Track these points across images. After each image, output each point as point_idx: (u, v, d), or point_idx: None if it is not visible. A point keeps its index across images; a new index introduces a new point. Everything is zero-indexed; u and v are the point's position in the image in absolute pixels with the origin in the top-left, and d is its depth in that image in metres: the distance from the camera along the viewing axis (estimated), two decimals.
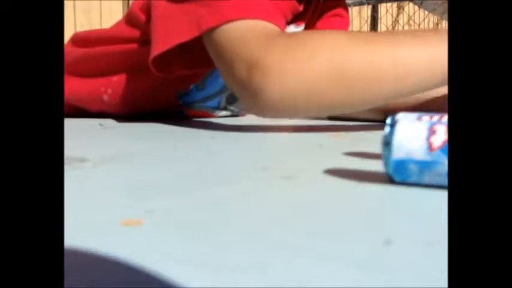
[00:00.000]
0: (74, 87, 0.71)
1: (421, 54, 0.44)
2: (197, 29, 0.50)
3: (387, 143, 0.24)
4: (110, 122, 0.65)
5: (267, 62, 0.45)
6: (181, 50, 0.56)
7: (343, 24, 0.76)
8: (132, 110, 0.71)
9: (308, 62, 0.44)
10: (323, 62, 0.44)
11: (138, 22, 0.67)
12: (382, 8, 3.02)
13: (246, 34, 0.48)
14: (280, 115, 0.50)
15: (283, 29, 0.53)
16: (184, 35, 0.52)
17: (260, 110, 0.49)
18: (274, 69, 0.44)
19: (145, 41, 0.66)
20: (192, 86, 0.70)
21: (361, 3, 2.83)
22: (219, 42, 0.50)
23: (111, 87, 0.70)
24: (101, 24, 1.81)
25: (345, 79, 0.44)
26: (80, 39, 0.76)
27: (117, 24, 0.74)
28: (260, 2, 0.51)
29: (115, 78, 0.70)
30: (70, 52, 0.73)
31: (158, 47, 0.54)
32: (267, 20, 0.49)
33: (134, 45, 0.68)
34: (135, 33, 0.68)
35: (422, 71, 0.44)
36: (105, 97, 0.70)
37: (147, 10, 0.64)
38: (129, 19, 0.70)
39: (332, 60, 0.44)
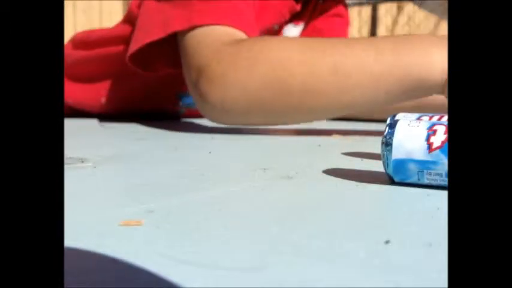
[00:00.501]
0: (72, 91, 0.71)
1: (369, 64, 0.42)
2: (163, 31, 0.52)
3: (387, 143, 0.24)
4: (109, 122, 0.65)
5: (212, 70, 0.46)
6: (166, 47, 0.57)
7: (343, 24, 0.76)
8: (131, 111, 0.71)
9: (249, 72, 0.45)
10: (262, 74, 0.44)
11: (135, 20, 0.67)
12: (382, 8, 3.02)
13: (202, 40, 0.49)
14: (224, 122, 0.51)
15: (252, 32, 0.53)
16: (153, 35, 0.53)
17: (206, 114, 0.50)
18: (217, 78, 0.46)
19: None
20: None
21: (361, 4, 2.83)
22: (182, 45, 0.51)
23: (110, 89, 0.70)
24: (101, 24, 1.81)
25: (283, 93, 0.44)
26: (80, 41, 0.76)
27: (117, 25, 0.74)
28: (231, 4, 0.51)
29: (114, 79, 0.70)
30: (70, 55, 0.73)
31: (133, 45, 0.56)
32: (231, 26, 0.50)
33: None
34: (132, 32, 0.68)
35: (369, 84, 0.43)
36: (104, 99, 0.70)
37: None
38: (128, 18, 0.70)
39: (272, 72, 0.44)
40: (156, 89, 0.69)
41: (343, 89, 0.43)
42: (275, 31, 0.66)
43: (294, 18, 0.68)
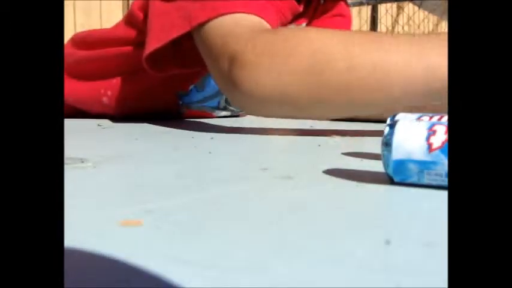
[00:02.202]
0: (73, 89, 0.71)
1: (409, 66, 0.41)
2: (188, 24, 0.51)
3: (387, 143, 0.24)
4: (109, 123, 0.65)
5: (247, 57, 0.45)
6: (174, 48, 0.56)
7: (345, 24, 0.76)
8: (131, 111, 0.71)
9: (283, 64, 0.44)
10: (298, 65, 0.43)
11: (137, 22, 0.67)
12: (382, 8, 3.02)
13: (232, 28, 0.48)
14: (256, 111, 0.50)
15: (274, 25, 0.52)
16: (176, 31, 0.52)
17: (238, 103, 0.49)
18: (252, 65, 0.44)
19: (144, 42, 0.66)
20: (191, 87, 0.70)
21: (361, 4, 2.83)
22: (207, 38, 0.50)
23: (110, 89, 0.70)
24: (100, 25, 1.81)
25: (317, 85, 0.43)
26: (80, 40, 0.76)
27: (117, 25, 0.74)
28: None
29: (115, 80, 0.70)
30: (70, 54, 0.73)
31: (152, 44, 0.55)
32: (257, 15, 0.50)
33: (134, 47, 0.68)
34: (135, 34, 0.68)
35: (406, 86, 0.41)
36: (105, 99, 0.70)
37: (146, 9, 0.64)
38: (129, 19, 0.70)
39: (307, 63, 0.43)
40: (156, 88, 0.69)
41: (381, 87, 0.42)
42: None
43: (295, 18, 0.68)
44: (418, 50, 0.41)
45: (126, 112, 0.71)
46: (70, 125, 0.61)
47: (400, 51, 0.41)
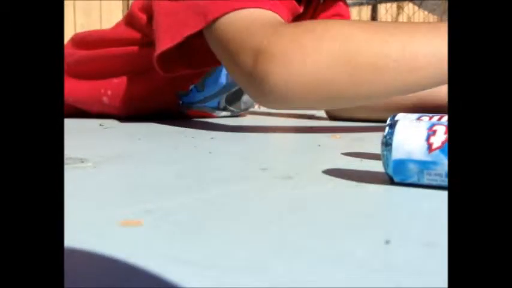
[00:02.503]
0: (74, 89, 0.71)
1: (435, 46, 0.42)
2: (204, 20, 0.50)
3: (387, 143, 0.24)
4: (110, 122, 0.65)
5: (274, 49, 0.44)
6: (181, 49, 0.56)
7: None
8: (132, 111, 0.71)
9: (315, 51, 0.43)
10: (330, 51, 0.43)
11: (139, 23, 0.67)
12: (382, 8, 3.02)
13: (251, 23, 0.47)
14: (286, 104, 0.48)
15: (287, 21, 0.52)
16: (191, 27, 0.51)
17: (265, 98, 0.47)
18: (281, 56, 0.44)
19: (145, 43, 0.66)
20: (191, 87, 0.71)
21: (360, 4, 2.83)
22: (224, 33, 0.49)
23: (111, 89, 0.70)
24: (100, 25, 1.81)
25: (351, 69, 0.43)
26: (80, 40, 0.76)
27: (117, 25, 0.74)
28: None
29: (115, 80, 0.70)
30: (70, 54, 0.73)
31: (164, 43, 0.54)
32: (272, 10, 0.49)
33: (134, 48, 0.68)
34: (135, 35, 0.68)
35: (435, 65, 0.42)
36: (105, 99, 0.70)
37: (148, 10, 0.64)
38: (129, 20, 0.70)
39: (339, 49, 0.43)
40: (157, 88, 0.69)
41: (411, 69, 0.42)
42: None
43: (295, 19, 0.67)
44: (439, 33, 0.42)
45: (126, 112, 0.71)
46: (70, 125, 0.61)
47: (422, 35, 0.43)
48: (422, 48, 0.42)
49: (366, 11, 3.00)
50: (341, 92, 0.45)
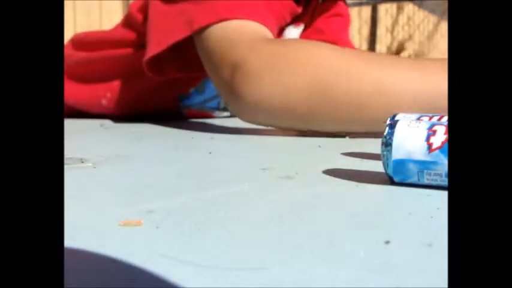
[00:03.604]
0: (73, 91, 0.71)
1: (413, 84, 0.41)
2: (189, 28, 0.51)
3: (387, 143, 0.24)
4: (110, 123, 0.65)
5: (250, 67, 0.45)
6: (175, 52, 0.56)
7: (344, 23, 0.76)
8: (131, 113, 0.71)
9: (288, 75, 0.44)
10: (303, 78, 0.43)
11: (137, 24, 0.67)
12: (382, 8, 3.02)
13: (235, 35, 0.48)
14: (256, 122, 0.49)
15: (274, 32, 0.52)
16: (177, 35, 0.52)
17: (238, 112, 0.49)
18: (255, 75, 0.44)
19: (143, 44, 0.66)
20: (192, 89, 0.70)
21: (360, 4, 2.83)
22: (208, 42, 0.50)
23: (110, 91, 0.70)
24: (100, 25, 1.81)
25: (324, 96, 0.43)
26: (80, 42, 0.76)
27: (116, 27, 0.74)
28: (253, 3, 0.50)
29: (114, 82, 0.70)
30: (70, 55, 0.73)
31: (153, 48, 0.54)
32: (259, 22, 0.49)
33: (133, 49, 0.68)
34: (134, 36, 0.68)
35: (411, 103, 0.41)
36: (104, 101, 0.70)
37: (145, 10, 0.64)
38: (128, 21, 0.70)
39: (313, 78, 0.43)
40: (157, 90, 0.69)
41: (384, 107, 0.41)
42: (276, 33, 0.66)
43: (294, 20, 0.67)
44: (421, 71, 0.42)
45: (125, 113, 0.71)
46: (70, 125, 0.61)
47: (402, 71, 0.42)
48: (398, 86, 0.41)
49: (366, 11, 3.00)
50: (310, 120, 0.45)
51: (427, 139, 0.23)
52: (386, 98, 0.42)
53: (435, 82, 0.41)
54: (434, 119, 0.29)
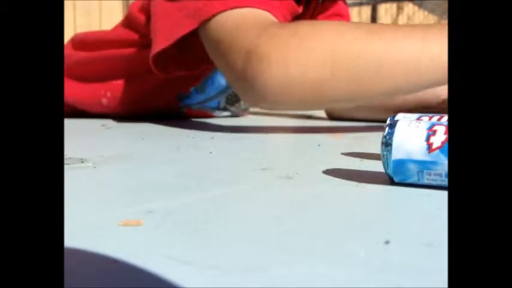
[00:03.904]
0: (73, 91, 0.71)
1: (425, 48, 0.43)
2: (196, 20, 0.50)
3: (387, 143, 0.24)
4: (110, 123, 0.65)
5: (266, 48, 0.44)
6: (178, 50, 0.56)
7: None
8: (131, 112, 0.71)
9: (307, 51, 0.44)
10: (323, 52, 0.43)
11: (138, 24, 0.67)
12: (382, 8, 3.02)
13: (243, 22, 0.48)
14: (274, 105, 0.48)
15: (284, 21, 0.52)
16: (184, 28, 0.51)
17: (254, 98, 0.48)
18: (273, 56, 0.44)
19: (144, 44, 0.66)
20: (192, 89, 0.70)
21: (360, 4, 2.83)
22: (216, 32, 0.49)
23: (110, 90, 0.70)
24: (100, 25, 1.81)
25: (345, 70, 0.43)
26: (80, 42, 0.76)
27: (116, 27, 0.74)
28: None
29: (114, 82, 0.70)
30: (70, 55, 0.73)
31: (159, 44, 0.54)
32: (265, 10, 0.49)
33: (134, 49, 0.68)
34: (135, 36, 0.68)
35: (427, 66, 0.43)
36: (105, 100, 0.70)
37: (147, 11, 0.64)
38: (128, 22, 0.70)
39: (332, 50, 0.43)
40: (157, 90, 0.69)
41: (404, 71, 0.43)
42: None
43: (295, 19, 0.67)
44: (421, 40, 0.43)
45: (125, 113, 0.71)
46: (70, 125, 0.61)
47: (404, 43, 0.43)
48: (417, 51, 0.43)
49: (366, 11, 3.00)
50: (326, 94, 0.45)
51: (427, 139, 0.23)
52: (405, 65, 0.43)
53: (434, 50, 0.42)
54: (434, 119, 0.29)
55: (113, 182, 0.26)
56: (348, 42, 0.44)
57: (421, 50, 0.42)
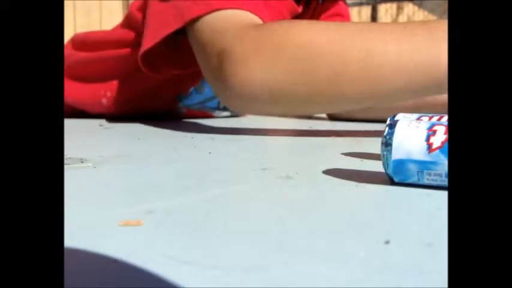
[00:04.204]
0: (73, 91, 0.72)
1: (402, 56, 0.40)
2: (181, 20, 0.51)
3: (387, 143, 0.24)
4: (110, 123, 0.65)
5: (237, 51, 0.44)
6: (170, 49, 0.56)
7: None
8: (131, 112, 0.71)
9: (274, 56, 0.43)
10: (290, 56, 0.43)
11: (136, 23, 0.67)
12: (382, 8, 3.02)
13: (223, 25, 0.48)
14: (245, 108, 0.49)
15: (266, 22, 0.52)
16: (170, 27, 0.52)
17: (227, 100, 0.48)
18: (242, 59, 0.44)
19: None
20: (191, 89, 0.70)
21: (360, 4, 2.83)
22: (198, 33, 0.50)
23: (110, 90, 0.70)
24: (100, 25, 1.81)
25: (310, 75, 0.42)
26: (80, 42, 0.76)
27: (116, 27, 0.74)
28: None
29: (115, 82, 0.70)
30: (70, 55, 0.73)
31: (146, 43, 0.55)
32: (251, 11, 0.49)
33: (133, 49, 0.68)
34: (134, 36, 0.68)
35: (399, 75, 0.40)
36: (104, 100, 0.70)
37: (145, 9, 0.64)
38: (128, 21, 0.70)
39: (299, 54, 0.42)
40: (156, 90, 0.69)
41: (372, 79, 0.41)
42: None
43: (294, 19, 0.68)
44: (410, 41, 0.40)
45: (125, 113, 0.71)
46: (70, 125, 0.61)
47: (392, 42, 0.41)
48: (386, 58, 0.40)
49: (366, 11, 3.00)
50: (295, 103, 0.45)
51: (427, 139, 0.23)
52: (374, 70, 0.41)
53: (418, 51, 0.40)
54: (434, 119, 0.29)
55: (113, 182, 0.26)
56: (326, 43, 0.42)
57: (408, 50, 0.40)
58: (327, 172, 0.29)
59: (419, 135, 0.23)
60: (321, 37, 0.42)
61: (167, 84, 0.68)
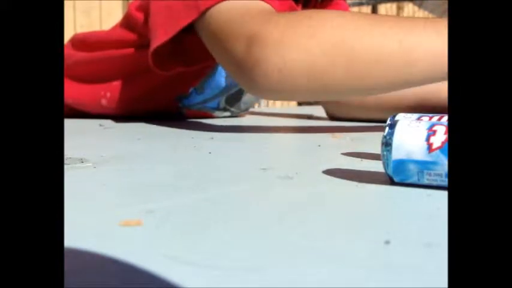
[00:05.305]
0: (73, 92, 0.72)
1: (431, 42, 0.42)
2: (196, 10, 0.50)
3: (387, 143, 0.24)
4: (109, 123, 0.65)
5: (268, 36, 0.44)
6: (175, 47, 0.56)
7: None
8: (131, 113, 0.71)
9: (311, 38, 0.43)
10: (326, 39, 0.43)
11: (136, 23, 0.67)
12: (382, 8, 3.02)
13: (245, 11, 0.47)
14: (277, 93, 0.48)
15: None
16: (184, 20, 0.51)
17: (256, 86, 0.46)
18: (275, 43, 0.43)
19: (142, 44, 0.66)
20: (191, 89, 0.70)
21: (360, 4, 2.83)
22: (216, 22, 0.49)
23: (110, 91, 0.70)
24: (100, 25, 1.81)
25: (347, 59, 0.43)
26: (79, 42, 0.76)
27: (115, 27, 0.74)
28: None
29: (114, 82, 0.70)
30: (70, 55, 0.73)
31: (159, 38, 0.54)
32: (265, 1, 0.49)
33: (132, 50, 0.68)
34: (133, 36, 0.68)
35: (431, 61, 0.42)
36: (104, 101, 0.70)
37: (145, 9, 0.64)
38: (126, 22, 0.70)
39: (336, 38, 0.43)
40: (157, 90, 0.69)
41: (407, 63, 0.42)
42: None
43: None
44: (436, 29, 0.42)
45: (125, 113, 0.71)
46: (70, 125, 0.61)
47: (420, 29, 0.43)
48: (418, 43, 0.42)
49: (366, 11, 3.00)
50: (335, 83, 0.44)
51: (427, 139, 0.23)
52: (407, 56, 0.42)
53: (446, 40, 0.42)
54: (434, 119, 0.29)
55: (113, 182, 0.26)
56: (350, 31, 0.43)
57: (435, 37, 0.42)
58: (327, 172, 0.29)
59: (419, 135, 0.23)
60: (355, 21, 0.44)
61: (167, 84, 0.68)
